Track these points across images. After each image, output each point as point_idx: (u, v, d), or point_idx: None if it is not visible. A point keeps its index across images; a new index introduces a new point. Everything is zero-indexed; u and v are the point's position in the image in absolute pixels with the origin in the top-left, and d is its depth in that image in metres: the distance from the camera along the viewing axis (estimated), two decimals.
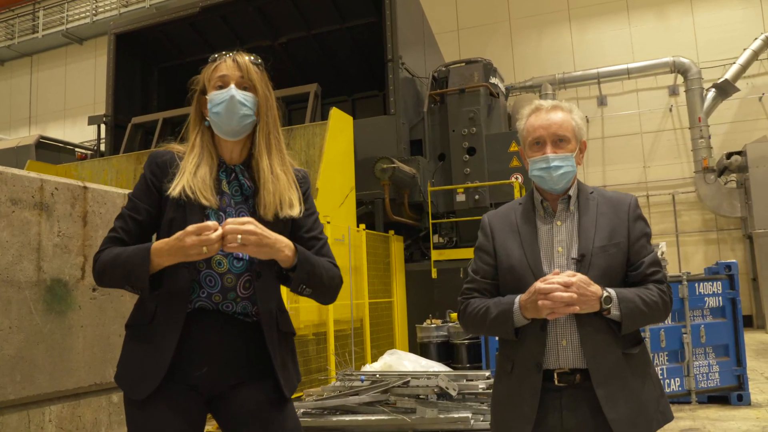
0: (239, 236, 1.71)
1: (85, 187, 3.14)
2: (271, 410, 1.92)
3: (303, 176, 2.10)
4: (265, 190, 1.93)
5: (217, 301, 1.91)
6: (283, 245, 1.81)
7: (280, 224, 1.93)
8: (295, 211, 1.93)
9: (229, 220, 1.75)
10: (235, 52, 1.99)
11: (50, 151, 15.29)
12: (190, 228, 1.73)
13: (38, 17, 25.47)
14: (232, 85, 1.93)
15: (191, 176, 1.90)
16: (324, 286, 1.94)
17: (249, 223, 1.74)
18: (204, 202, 1.88)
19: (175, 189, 1.87)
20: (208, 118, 1.97)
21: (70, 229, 3.03)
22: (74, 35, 24.93)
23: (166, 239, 1.79)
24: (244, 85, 1.95)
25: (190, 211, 1.88)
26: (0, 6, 26.29)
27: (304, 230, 1.99)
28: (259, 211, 1.93)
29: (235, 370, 1.92)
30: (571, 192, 2.15)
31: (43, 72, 25.91)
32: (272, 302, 1.96)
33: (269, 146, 1.99)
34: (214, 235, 1.71)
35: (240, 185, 1.99)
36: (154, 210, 1.95)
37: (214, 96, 1.94)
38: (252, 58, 2.00)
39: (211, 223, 1.73)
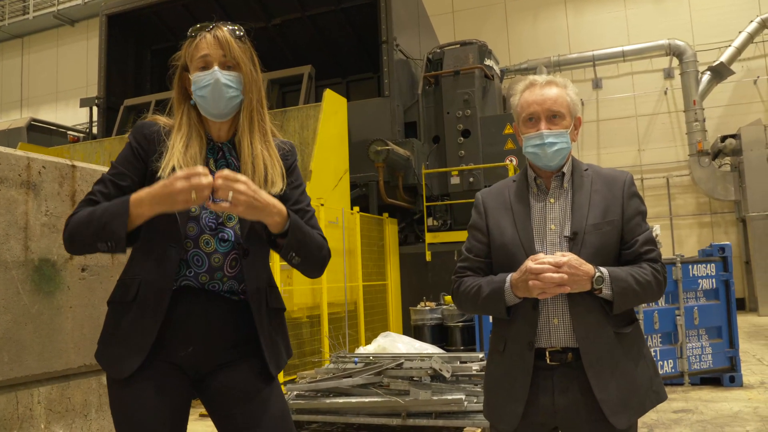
0: (230, 193, 1.65)
1: (73, 166, 3.09)
2: (256, 391, 1.89)
3: (289, 148, 2.05)
4: (246, 170, 1.87)
5: (204, 281, 1.87)
6: (275, 210, 1.76)
7: None
8: (276, 188, 1.88)
9: (223, 171, 1.69)
10: (214, 26, 1.89)
11: (42, 134, 15.19)
12: (179, 173, 1.66)
13: None
14: (216, 68, 1.85)
15: (181, 156, 1.84)
16: (313, 256, 1.90)
17: (241, 182, 1.68)
18: None
19: (165, 170, 1.81)
20: (193, 98, 1.90)
21: (58, 209, 2.98)
22: (65, 16, 24.66)
23: (147, 188, 1.71)
24: (228, 64, 1.87)
25: None
26: None
27: (291, 203, 1.93)
28: None
29: (221, 350, 1.89)
30: (565, 169, 2.12)
31: (34, 54, 25.65)
32: (260, 279, 1.92)
33: (251, 123, 1.93)
34: (205, 180, 1.64)
35: (227, 164, 1.94)
36: (138, 179, 1.88)
37: (198, 78, 1.86)
38: (234, 30, 1.91)
39: (200, 167, 1.67)
